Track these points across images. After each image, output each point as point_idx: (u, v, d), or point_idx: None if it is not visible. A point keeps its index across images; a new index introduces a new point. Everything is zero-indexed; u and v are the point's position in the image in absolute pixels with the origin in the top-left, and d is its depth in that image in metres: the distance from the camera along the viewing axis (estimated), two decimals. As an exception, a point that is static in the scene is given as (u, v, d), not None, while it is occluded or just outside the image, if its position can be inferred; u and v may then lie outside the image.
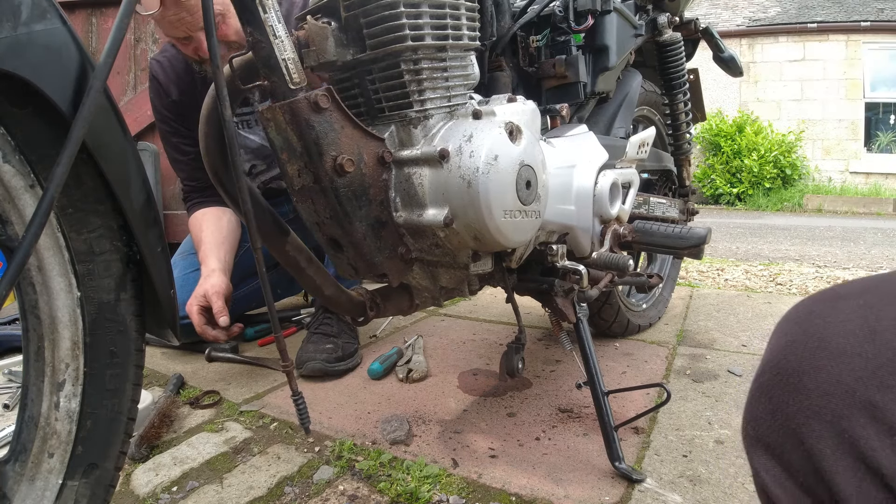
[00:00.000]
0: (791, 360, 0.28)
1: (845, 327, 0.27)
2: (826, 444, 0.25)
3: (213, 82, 0.57)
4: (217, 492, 0.83)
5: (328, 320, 1.34)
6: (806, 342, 0.28)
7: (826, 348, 0.26)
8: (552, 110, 0.88)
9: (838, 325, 0.27)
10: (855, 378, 0.25)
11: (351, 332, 1.35)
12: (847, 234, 4.31)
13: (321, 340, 1.29)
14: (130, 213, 0.52)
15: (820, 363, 0.26)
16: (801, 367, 0.27)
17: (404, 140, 0.68)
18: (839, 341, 0.26)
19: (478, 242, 0.67)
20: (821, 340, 0.27)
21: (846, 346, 0.26)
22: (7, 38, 0.41)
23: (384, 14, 0.62)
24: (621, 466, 0.83)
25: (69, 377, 0.53)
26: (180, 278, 1.42)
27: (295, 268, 0.73)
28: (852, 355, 0.25)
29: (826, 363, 0.26)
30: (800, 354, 0.27)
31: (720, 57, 1.37)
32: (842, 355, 0.26)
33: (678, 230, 0.88)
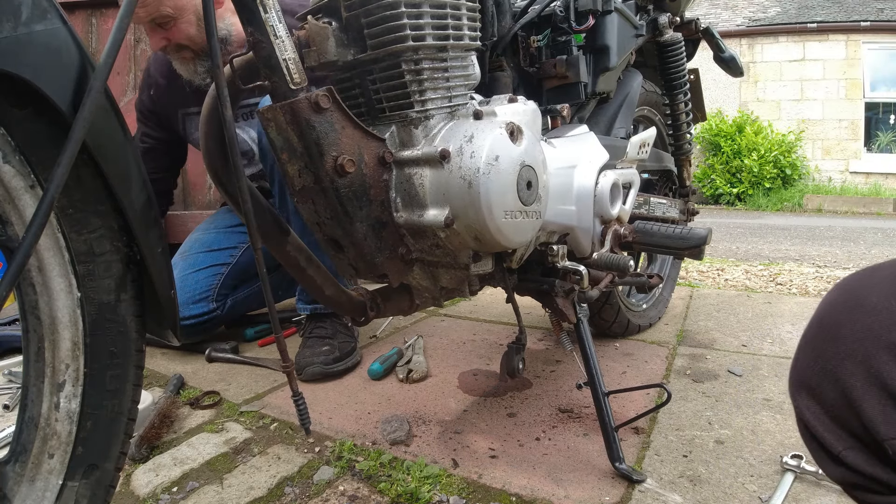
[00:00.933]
0: (832, 315, 0.34)
1: (878, 289, 0.32)
2: (857, 378, 0.31)
3: (212, 83, 0.56)
4: (217, 492, 0.83)
5: (322, 323, 1.34)
6: (846, 300, 0.34)
7: (861, 305, 0.33)
8: (553, 110, 0.88)
9: (873, 287, 0.33)
10: (883, 326, 0.31)
11: (346, 330, 1.35)
12: (847, 233, 4.31)
13: (317, 344, 1.28)
14: (131, 213, 0.51)
15: (855, 316, 0.32)
16: (840, 320, 0.33)
17: (405, 140, 0.68)
18: (872, 299, 0.32)
19: (478, 243, 0.67)
20: (858, 299, 0.33)
21: (877, 303, 0.32)
22: (7, 39, 0.41)
23: (385, 14, 0.62)
24: (621, 467, 0.83)
25: (69, 378, 0.52)
26: (180, 279, 1.43)
27: (295, 268, 0.73)
28: (881, 310, 0.31)
29: (860, 316, 0.32)
30: (840, 310, 0.34)
31: (721, 57, 1.37)
32: (873, 310, 0.32)
33: (679, 231, 0.88)
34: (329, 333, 1.31)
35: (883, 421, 0.29)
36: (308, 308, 1.35)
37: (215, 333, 1.58)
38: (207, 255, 1.49)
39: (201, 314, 1.43)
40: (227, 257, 1.49)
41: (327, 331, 1.32)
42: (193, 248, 1.52)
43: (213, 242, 1.51)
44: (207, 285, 1.45)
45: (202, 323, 1.44)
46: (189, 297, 1.42)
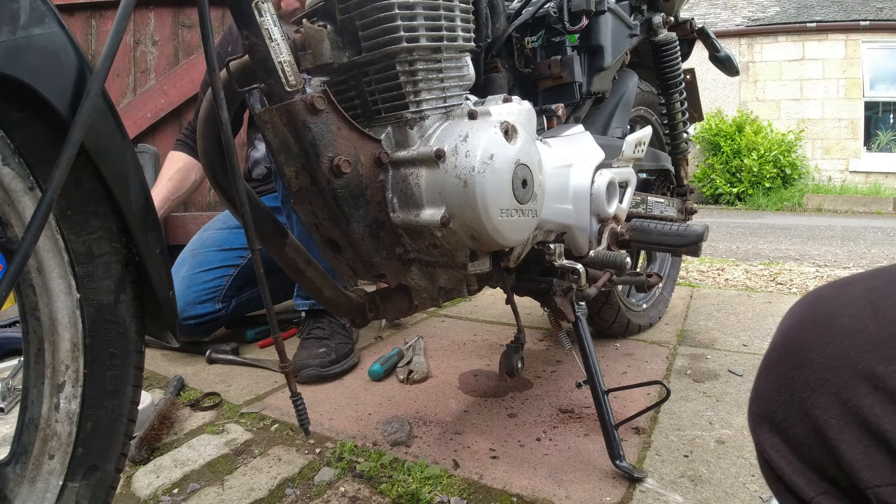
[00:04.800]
0: (798, 337, 0.29)
1: (850, 308, 0.28)
2: (832, 414, 0.26)
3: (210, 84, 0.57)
4: (218, 493, 0.83)
5: (320, 324, 1.34)
6: (813, 321, 0.29)
7: (832, 326, 0.28)
8: (548, 110, 0.89)
9: (844, 306, 0.28)
10: (859, 352, 0.26)
11: (344, 331, 1.35)
12: (847, 233, 4.30)
13: (314, 345, 1.28)
14: (129, 215, 0.52)
15: (826, 339, 0.28)
16: (808, 343, 0.28)
17: (400, 141, 0.68)
18: (844, 320, 0.28)
19: (475, 242, 0.67)
20: (828, 318, 0.29)
21: (851, 324, 0.27)
22: (6, 42, 0.41)
23: (379, 16, 0.62)
24: (622, 465, 0.83)
25: (69, 379, 0.53)
26: (189, 276, 1.44)
27: (294, 270, 0.73)
28: (856, 332, 0.27)
29: (832, 339, 0.28)
30: (806, 332, 0.29)
31: (716, 56, 1.38)
32: (846, 332, 0.27)
33: (676, 228, 0.88)
34: (327, 334, 1.31)
35: (866, 465, 0.25)
36: (306, 305, 1.35)
37: (216, 335, 1.58)
38: (218, 254, 1.48)
39: (206, 314, 1.43)
40: (237, 258, 1.48)
41: (325, 331, 1.32)
42: (205, 246, 1.51)
43: (225, 242, 1.50)
44: (215, 286, 1.45)
45: (206, 323, 1.44)
46: (195, 296, 1.42)
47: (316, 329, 1.33)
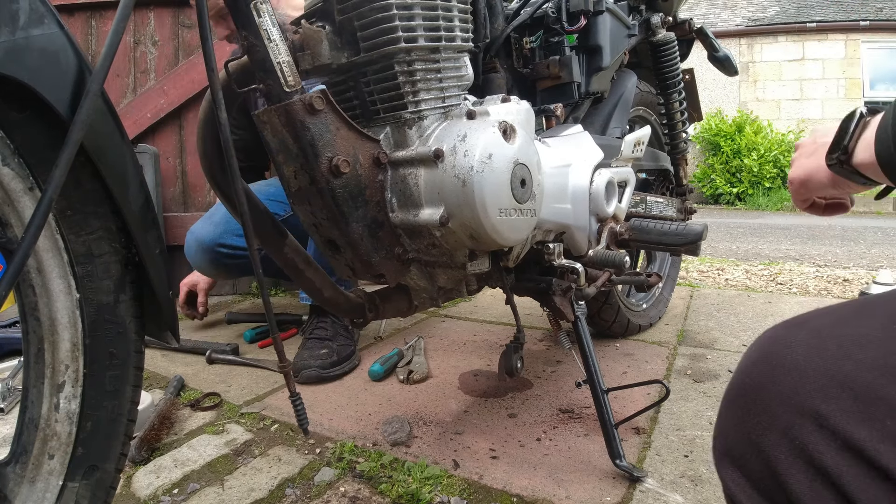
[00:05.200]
0: (753, 377, 0.31)
1: (799, 348, 0.30)
2: (781, 451, 0.28)
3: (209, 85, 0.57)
4: (218, 493, 0.83)
5: (323, 324, 1.34)
6: (766, 361, 0.31)
7: (781, 365, 0.30)
8: (547, 110, 0.89)
9: (794, 346, 0.30)
10: (805, 391, 0.28)
11: (347, 333, 1.35)
12: (847, 233, 4.30)
13: (315, 346, 1.29)
14: (129, 215, 0.52)
15: (776, 378, 0.29)
16: (761, 383, 0.30)
17: (399, 141, 0.68)
18: (793, 358, 0.29)
19: (474, 241, 0.67)
20: (778, 358, 0.30)
21: (798, 363, 0.29)
22: (5, 43, 0.42)
23: (377, 16, 0.62)
24: (622, 464, 0.83)
25: (69, 379, 0.53)
26: None
27: (293, 270, 0.73)
28: (802, 371, 0.28)
29: (782, 378, 0.29)
30: (762, 369, 0.31)
31: (715, 56, 1.38)
32: (795, 371, 0.29)
33: (675, 227, 0.88)
34: (329, 335, 1.31)
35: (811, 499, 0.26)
36: (310, 299, 1.35)
37: (215, 335, 1.58)
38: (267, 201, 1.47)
39: (237, 248, 1.40)
40: (280, 209, 1.45)
41: (328, 332, 1.32)
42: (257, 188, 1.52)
43: (275, 194, 1.47)
44: None
45: (237, 258, 1.41)
46: (235, 227, 1.40)
47: (318, 329, 1.33)
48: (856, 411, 0.26)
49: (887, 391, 0.25)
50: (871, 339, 0.27)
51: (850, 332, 0.29)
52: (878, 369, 0.26)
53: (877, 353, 0.27)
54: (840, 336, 0.29)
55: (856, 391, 0.26)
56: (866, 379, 0.26)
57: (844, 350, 0.28)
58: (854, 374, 0.26)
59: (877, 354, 0.27)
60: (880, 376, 0.26)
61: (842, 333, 0.29)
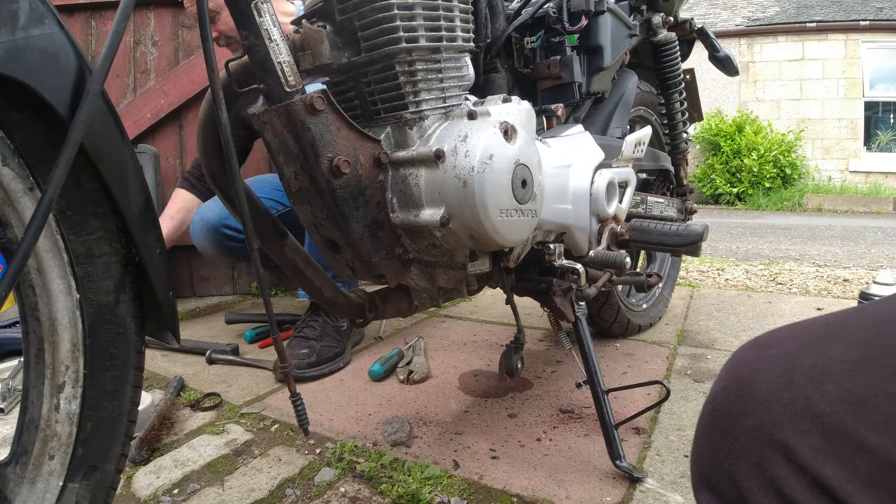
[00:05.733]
0: (724, 404, 0.31)
1: (768, 375, 0.29)
2: (753, 482, 0.28)
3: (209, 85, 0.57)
4: (218, 494, 0.83)
5: (313, 322, 1.33)
6: (736, 388, 0.30)
7: (751, 394, 0.29)
8: (548, 111, 0.89)
9: (763, 373, 0.30)
10: (774, 423, 0.28)
11: (337, 335, 1.34)
12: (847, 233, 4.30)
13: (298, 345, 1.28)
14: (129, 215, 0.52)
15: (746, 408, 0.29)
16: (732, 411, 0.30)
17: (400, 141, 0.68)
18: (762, 388, 0.29)
19: (474, 242, 0.67)
20: (748, 387, 0.30)
21: (767, 393, 0.29)
22: (5, 43, 0.41)
23: (378, 16, 0.62)
24: (622, 465, 0.83)
25: (69, 379, 0.53)
26: None
27: (293, 269, 0.73)
28: (772, 402, 0.28)
29: (751, 408, 0.29)
30: (731, 398, 0.30)
31: (716, 56, 1.38)
32: (764, 401, 0.28)
33: (675, 227, 0.88)
34: (316, 335, 1.31)
35: None
36: (307, 296, 1.35)
37: (215, 335, 1.58)
38: (273, 191, 1.48)
39: (240, 230, 1.41)
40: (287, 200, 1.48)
41: (315, 331, 1.32)
42: (264, 179, 1.54)
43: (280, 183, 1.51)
44: None
45: (241, 241, 1.43)
46: None
47: (307, 328, 1.33)
48: (824, 448, 0.25)
49: (855, 428, 0.25)
50: (840, 367, 0.27)
51: (820, 359, 0.28)
52: (845, 403, 0.26)
53: (844, 386, 0.26)
54: (809, 363, 0.28)
55: (825, 426, 0.26)
56: (835, 413, 0.26)
57: (813, 381, 0.27)
58: (822, 407, 0.26)
59: (844, 387, 0.26)
60: (848, 412, 0.25)
61: (811, 360, 0.28)
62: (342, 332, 1.36)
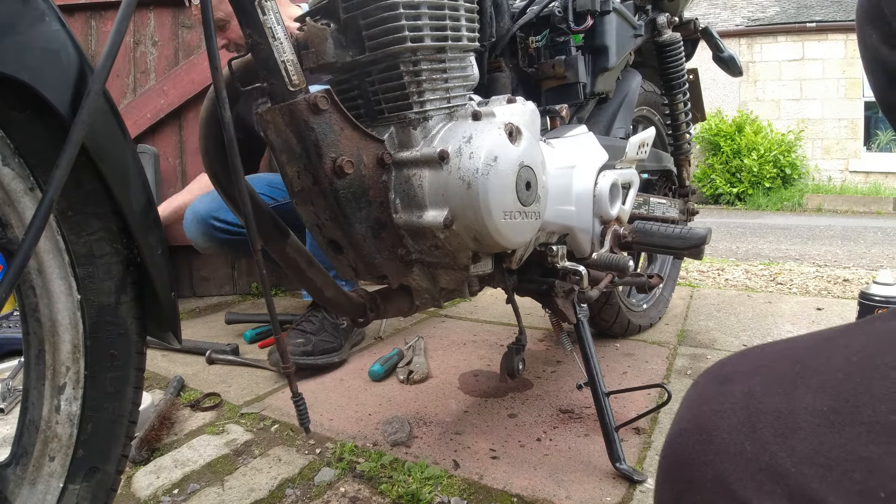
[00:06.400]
0: (684, 449, 0.29)
1: (729, 420, 0.27)
2: None
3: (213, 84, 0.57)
4: (218, 494, 0.83)
5: (312, 318, 1.34)
6: (696, 432, 0.28)
7: (711, 442, 0.27)
8: (552, 111, 0.88)
9: (723, 416, 0.27)
10: (736, 478, 0.25)
11: (335, 332, 1.34)
12: (847, 233, 4.31)
13: (295, 336, 1.29)
14: (130, 215, 0.52)
15: (706, 457, 0.27)
16: (692, 460, 0.28)
17: (404, 141, 0.68)
18: (723, 436, 0.27)
19: (478, 244, 0.67)
20: (707, 433, 0.27)
21: (728, 443, 0.26)
22: (6, 42, 0.41)
23: (383, 15, 0.62)
24: (622, 467, 0.83)
25: (70, 380, 0.52)
26: None
27: (295, 269, 0.73)
28: (734, 454, 0.26)
29: (711, 458, 0.27)
30: (691, 446, 0.28)
31: (720, 57, 1.37)
32: (724, 452, 0.26)
33: (678, 230, 0.88)
34: (313, 329, 1.31)
35: None
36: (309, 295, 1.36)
37: (215, 335, 1.58)
38: (265, 186, 1.48)
39: (233, 224, 1.43)
40: (281, 195, 1.47)
41: (314, 326, 1.32)
42: (257, 177, 1.54)
43: (276, 181, 1.50)
44: None
45: (229, 233, 1.44)
46: None
47: (305, 322, 1.33)
48: None
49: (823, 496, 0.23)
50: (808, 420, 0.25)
51: (785, 405, 0.26)
52: (813, 465, 0.24)
53: (812, 444, 0.24)
54: (774, 409, 0.26)
55: (790, 489, 0.24)
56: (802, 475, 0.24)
57: (778, 433, 0.25)
58: (788, 467, 0.24)
59: (812, 446, 0.24)
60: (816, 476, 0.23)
61: (775, 405, 0.26)
62: (341, 330, 1.36)
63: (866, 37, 0.33)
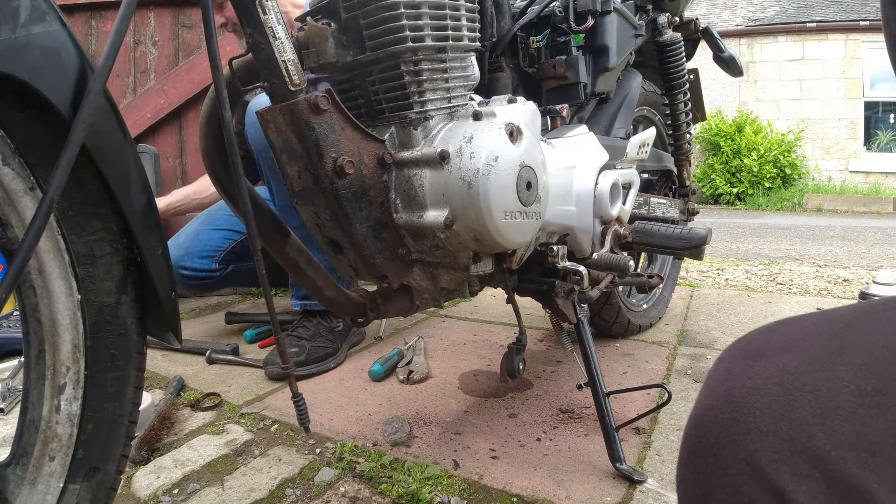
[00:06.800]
0: (711, 427, 0.27)
1: (762, 397, 0.25)
2: None
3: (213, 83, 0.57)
4: (218, 494, 0.83)
5: (307, 323, 1.34)
6: (724, 410, 0.26)
7: (742, 420, 0.25)
8: (552, 111, 0.88)
9: (755, 394, 0.25)
10: (769, 460, 0.24)
11: (331, 335, 1.34)
12: (847, 233, 4.31)
13: (289, 344, 1.29)
14: (131, 215, 0.51)
15: (737, 437, 0.25)
16: (720, 439, 0.26)
17: (404, 141, 0.68)
18: (755, 413, 0.25)
19: (478, 244, 0.67)
20: (737, 411, 0.26)
21: (761, 421, 0.24)
22: (6, 41, 0.41)
23: (384, 15, 0.62)
24: (622, 467, 0.83)
25: (70, 380, 0.52)
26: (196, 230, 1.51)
27: (295, 269, 0.73)
28: (767, 433, 0.24)
29: (742, 437, 0.25)
30: (718, 424, 0.26)
31: (720, 57, 1.37)
32: (756, 431, 0.24)
33: (678, 231, 0.88)
34: (308, 335, 1.31)
35: None
36: (299, 304, 1.36)
37: (215, 336, 1.58)
38: (230, 218, 1.50)
39: (200, 269, 1.44)
40: None
41: (308, 331, 1.32)
42: (219, 209, 1.55)
43: None
44: (217, 246, 1.47)
45: (197, 279, 1.46)
46: (197, 250, 1.45)
47: (300, 328, 1.33)
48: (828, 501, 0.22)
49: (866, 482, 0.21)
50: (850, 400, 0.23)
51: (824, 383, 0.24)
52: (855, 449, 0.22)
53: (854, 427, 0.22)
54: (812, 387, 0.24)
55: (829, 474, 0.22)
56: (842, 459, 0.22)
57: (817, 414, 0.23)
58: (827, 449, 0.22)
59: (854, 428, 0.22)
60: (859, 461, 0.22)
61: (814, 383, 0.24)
62: (336, 333, 1.36)
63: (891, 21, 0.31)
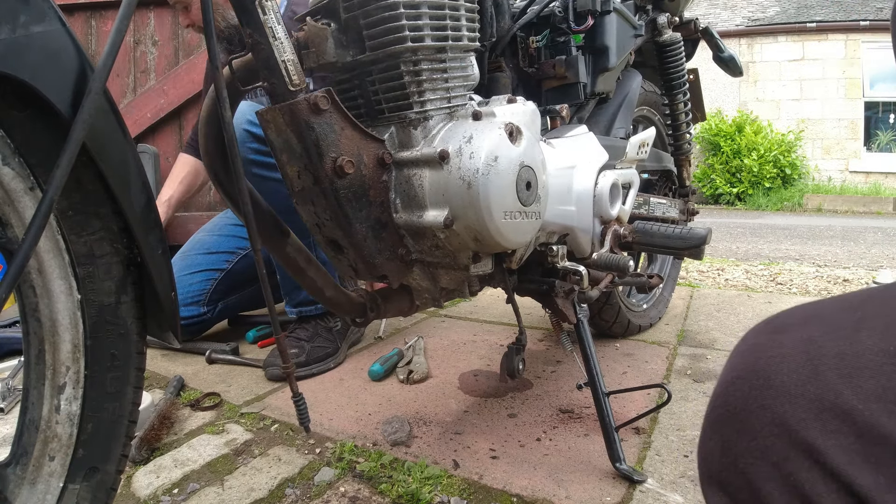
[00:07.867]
0: (738, 396, 0.27)
1: (788, 364, 0.26)
2: (773, 486, 0.25)
3: (212, 83, 0.57)
4: (218, 493, 0.83)
5: (305, 325, 1.34)
6: (751, 378, 0.27)
7: (770, 386, 0.26)
8: (552, 111, 0.88)
9: (781, 362, 0.26)
10: (798, 419, 0.24)
11: (329, 335, 1.34)
12: (847, 233, 4.31)
13: (289, 345, 1.29)
14: (131, 215, 0.51)
15: (765, 402, 0.26)
16: (748, 406, 0.27)
17: (404, 141, 0.68)
18: (782, 378, 0.26)
19: (478, 244, 0.67)
20: (766, 377, 0.26)
21: (789, 385, 0.25)
22: (6, 41, 0.41)
23: (384, 15, 0.62)
24: (622, 467, 0.83)
25: (70, 380, 0.52)
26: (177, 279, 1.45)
27: (295, 269, 0.73)
28: (795, 395, 0.25)
29: (770, 402, 0.26)
30: (745, 392, 0.27)
31: (720, 57, 1.37)
32: (785, 394, 0.25)
33: (678, 231, 0.88)
34: (307, 336, 1.31)
35: None
36: (294, 312, 1.36)
37: (216, 335, 1.58)
38: (206, 257, 1.51)
39: (191, 317, 1.46)
40: (223, 262, 1.50)
41: (307, 332, 1.32)
42: (193, 250, 1.54)
43: (213, 245, 1.53)
44: (200, 290, 1.47)
45: (191, 325, 1.47)
46: (182, 299, 1.45)
47: (299, 330, 1.34)
48: (858, 452, 0.22)
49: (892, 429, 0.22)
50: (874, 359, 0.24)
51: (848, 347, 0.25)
52: (882, 401, 0.23)
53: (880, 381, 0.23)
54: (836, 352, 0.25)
55: (858, 426, 0.23)
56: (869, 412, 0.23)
57: (843, 373, 0.24)
58: (855, 404, 0.23)
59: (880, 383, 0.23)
60: (886, 411, 0.22)
61: (838, 349, 0.25)
62: (335, 333, 1.36)
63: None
